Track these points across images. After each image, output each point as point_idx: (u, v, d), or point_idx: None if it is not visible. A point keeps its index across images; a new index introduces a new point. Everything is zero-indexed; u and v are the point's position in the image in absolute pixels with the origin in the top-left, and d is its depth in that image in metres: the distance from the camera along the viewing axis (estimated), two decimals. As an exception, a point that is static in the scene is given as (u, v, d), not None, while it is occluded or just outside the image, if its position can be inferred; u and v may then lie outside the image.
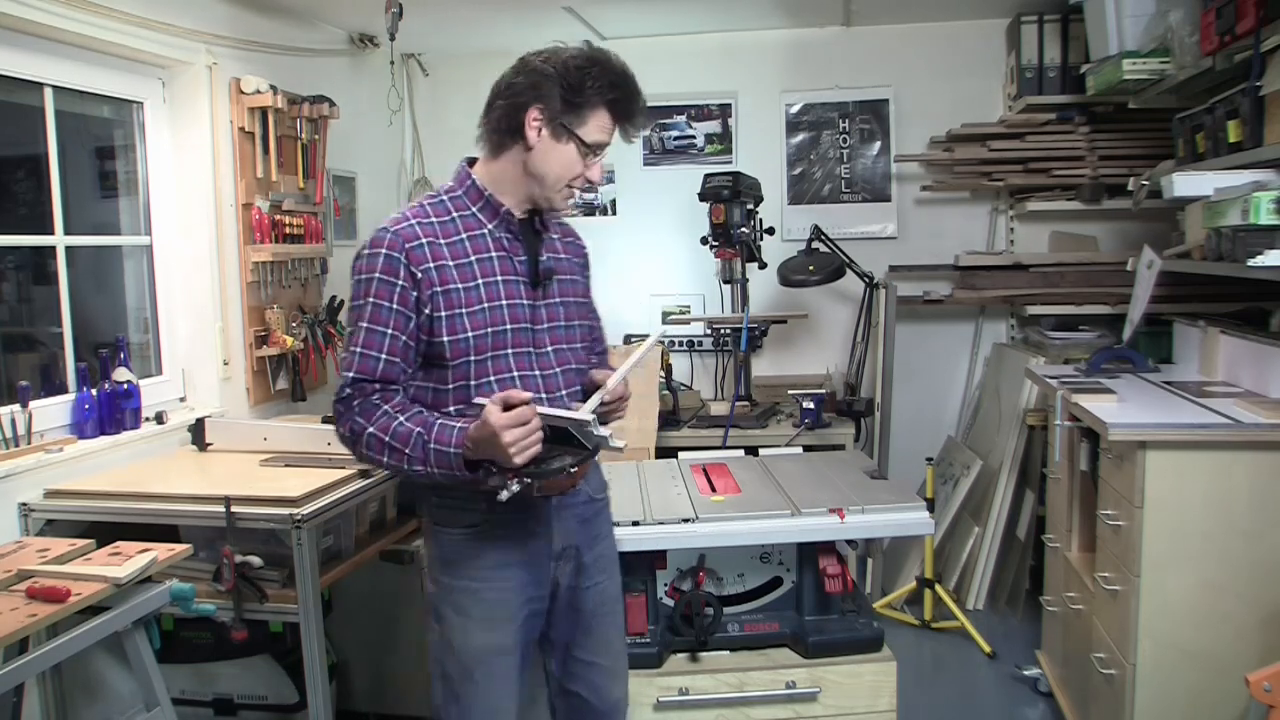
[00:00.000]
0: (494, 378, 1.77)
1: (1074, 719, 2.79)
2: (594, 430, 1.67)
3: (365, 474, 2.67)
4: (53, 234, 2.85)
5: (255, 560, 2.53)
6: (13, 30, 2.63)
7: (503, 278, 1.79)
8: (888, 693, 1.86)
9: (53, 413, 2.77)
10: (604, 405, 1.75)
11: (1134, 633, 2.29)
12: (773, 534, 1.86)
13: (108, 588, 2.08)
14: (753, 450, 2.38)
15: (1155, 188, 3.11)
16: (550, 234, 1.89)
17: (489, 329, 1.76)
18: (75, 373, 2.85)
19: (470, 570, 1.80)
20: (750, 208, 3.62)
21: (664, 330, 1.87)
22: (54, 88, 2.83)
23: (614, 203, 4.52)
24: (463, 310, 1.74)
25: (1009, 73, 4.06)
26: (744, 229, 3.54)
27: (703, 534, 1.84)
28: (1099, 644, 2.53)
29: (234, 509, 2.47)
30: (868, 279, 3.83)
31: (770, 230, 3.80)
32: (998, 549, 3.80)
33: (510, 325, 1.78)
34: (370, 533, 2.87)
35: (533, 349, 1.81)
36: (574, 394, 1.86)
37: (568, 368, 1.86)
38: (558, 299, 1.86)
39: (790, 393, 3.54)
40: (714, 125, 4.43)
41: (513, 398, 1.63)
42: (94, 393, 2.81)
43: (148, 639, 2.21)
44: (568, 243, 1.94)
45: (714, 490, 2.08)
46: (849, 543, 1.95)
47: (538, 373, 1.81)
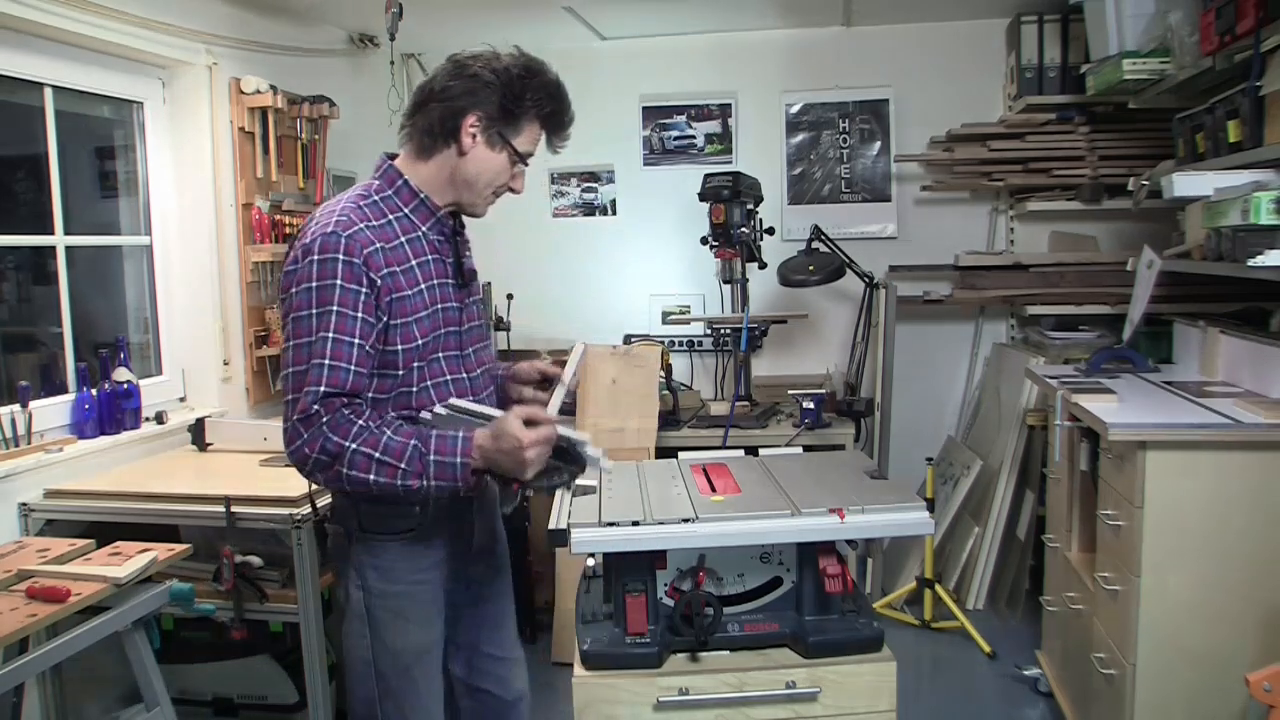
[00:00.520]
0: (430, 382, 1.77)
1: (1074, 719, 2.79)
2: (588, 450, 1.71)
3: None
4: (53, 234, 2.85)
5: (255, 560, 2.53)
6: (13, 30, 2.63)
7: (437, 281, 1.78)
8: (888, 693, 1.86)
9: (53, 413, 2.77)
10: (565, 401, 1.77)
11: (1134, 633, 2.29)
12: (773, 534, 1.86)
13: (108, 588, 2.08)
14: (753, 450, 2.37)
15: (1155, 188, 3.11)
16: (462, 233, 1.90)
17: (432, 334, 1.76)
18: (75, 373, 2.85)
19: (406, 574, 1.81)
20: (750, 208, 3.62)
21: (585, 344, 1.87)
22: (54, 88, 2.83)
23: (614, 203, 4.53)
24: (413, 317, 1.72)
25: (1009, 73, 4.06)
26: (744, 229, 3.53)
27: (703, 534, 1.84)
28: (1099, 644, 2.53)
29: (234, 509, 2.47)
30: (868, 279, 3.84)
31: (770, 230, 3.80)
32: (998, 549, 3.80)
33: (444, 329, 1.79)
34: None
35: (458, 351, 1.83)
36: (489, 396, 1.90)
37: (485, 369, 1.90)
38: (473, 299, 1.89)
39: (790, 393, 3.54)
40: (714, 125, 4.43)
41: (536, 416, 1.65)
42: (94, 393, 2.81)
43: (148, 639, 2.21)
44: (468, 241, 1.94)
45: (714, 490, 2.07)
46: (849, 543, 1.94)
47: (464, 375, 1.83)
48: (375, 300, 1.67)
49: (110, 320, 3.22)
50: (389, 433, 1.63)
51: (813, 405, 3.40)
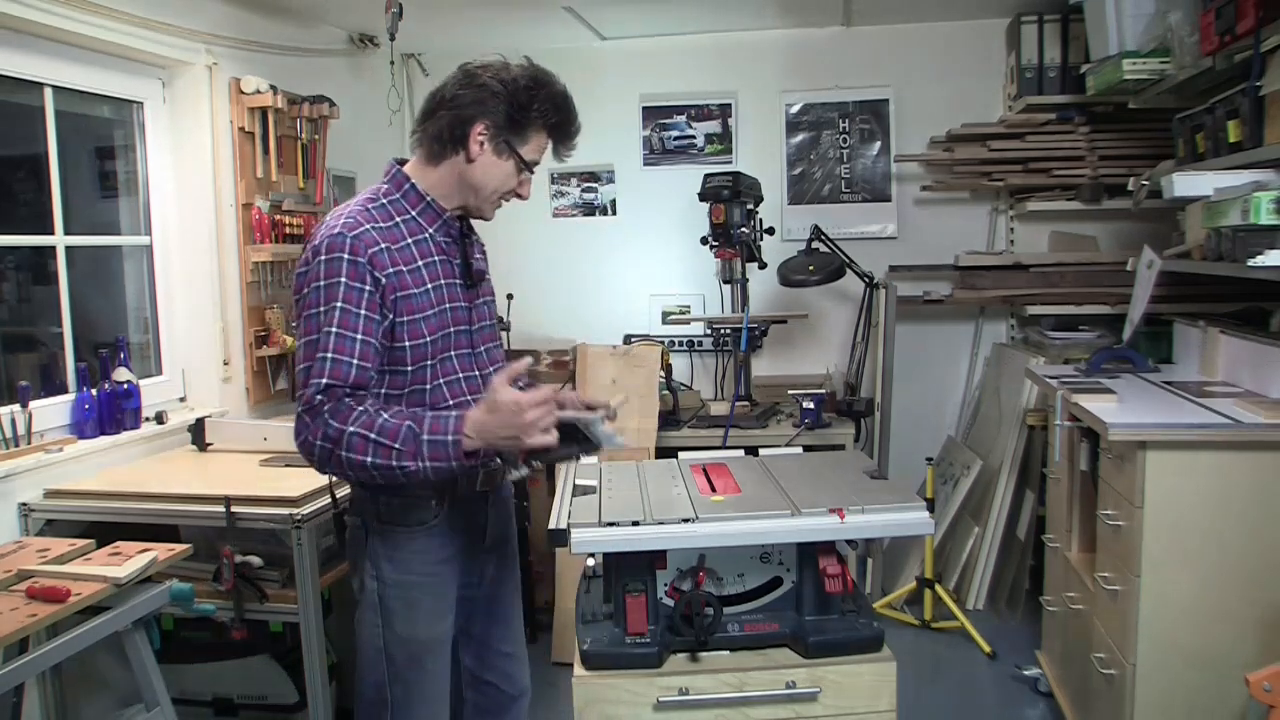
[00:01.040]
0: (444, 380, 1.82)
1: (1074, 719, 2.80)
2: (600, 429, 1.72)
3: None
4: (53, 234, 2.85)
5: (255, 560, 2.53)
6: (13, 30, 2.63)
7: (445, 281, 1.83)
8: (888, 693, 1.86)
9: (53, 413, 2.77)
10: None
11: (1134, 633, 2.29)
12: (773, 534, 1.86)
13: (108, 588, 2.08)
14: (753, 450, 2.37)
15: (1155, 188, 3.11)
16: (472, 235, 1.94)
17: (440, 333, 1.81)
18: (75, 373, 2.85)
19: (420, 566, 1.86)
20: (750, 208, 3.62)
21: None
22: (54, 88, 2.83)
23: (614, 203, 4.53)
24: (419, 315, 1.77)
25: (1009, 73, 4.06)
26: (744, 229, 3.54)
27: (703, 534, 1.84)
28: (1099, 644, 2.53)
29: (234, 509, 2.47)
30: (868, 279, 3.84)
31: (770, 230, 3.80)
32: (998, 549, 3.80)
33: (454, 328, 1.84)
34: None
35: (470, 350, 1.88)
36: None
37: (497, 366, 1.93)
38: (483, 299, 1.94)
39: (790, 393, 3.54)
40: (714, 125, 4.43)
41: (518, 370, 1.68)
42: (94, 393, 2.81)
43: (148, 639, 2.21)
44: (480, 243, 1.99)
45: (714, 490, 2.07)
46: (849, 543, 1.94)
47: (476, 373, 1.88)
48: (380, 298, 1.72)
49: (110, 320, 3.22)
50: (385, 415, 1.65)
51: (813, 405, 3.40)
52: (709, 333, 4.15)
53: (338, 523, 1.99)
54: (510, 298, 4.17)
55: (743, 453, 2.38)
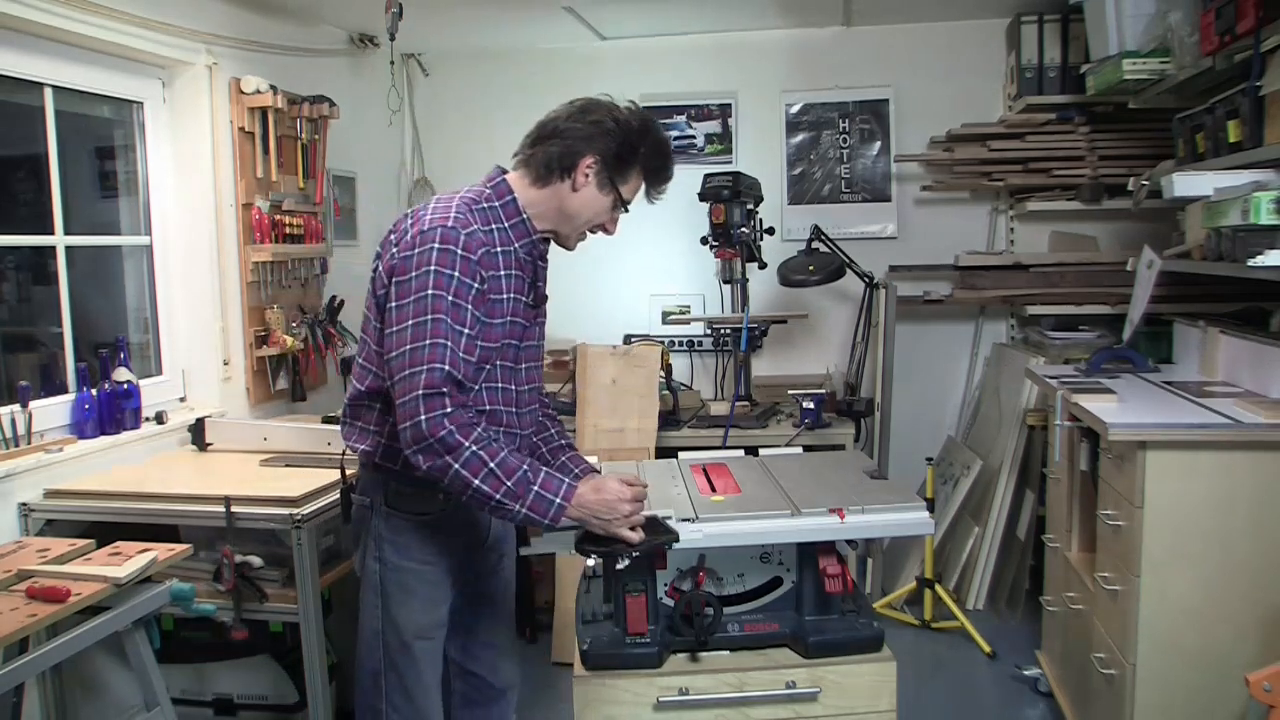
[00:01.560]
0: (484, 385, 1.87)
1: (1074, 719, 2.79)
2: (671, 523, 1.82)
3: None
4: (53, 234, 2.85)
5: (255, 560, 2.53)
6: (13, 30, 2.63)
7: (514, 295, 1.88)
8: (888, 693, 1.86)
9: (53, 413, 2.77)
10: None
11: (1134, 633, 2.29)
12: (773, 534, 1.86)
13: (108, 588, 2.08)
14: (753, 450, 2.37)
15: (1155, 188, 3.11)
16: (545, 260, 1.99)
17: (501, 342, 1.86)
18: (75, 373, 2.85)
19: (419, 554, 1.92)
20: (750, 208, 3.62)
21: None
22: (54, 88, 2.83)
23: (614, 203, 4.52)
24: (494, 321, 1.83)
25: (1009, 73, 4.06)
26: (744, 229, 3.53)
27: (703, 534, 1.84)
28: (1099, 644, 2.53)
29: (234, 509, 2.47)
30: (868, 279, 3.83)
31: (770, 230, 3.80)
32: (998, 549, 3.80)
33: (507, 340, 1.88)
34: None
35: (513, 364, 1.92)
36: (532, 414, 2.01)
37: (533, 386, 2.00)
38: (539, 321, 2.00)
39: (790, 393, 3.54)
40: (714, 125, 4.43)
41: (632, 480, 1.81)
42: (94, 393, 2.81)
43: (148, 639, 2.21)
44: (546, 268, 2.02)
45: (714, 490, 2.07)
46: (849, 543, 1.94)
47: (513, 387, 1.93)
48: (482, 297, 1.79)
49: (110, 320, 3.22)
50: (505, 451, 1.73)
51: (813, 405, 3.40)
52: (709, 333, 4.15)
53: (345, 500, 2.02)
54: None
55: (743, 453, 2.38)
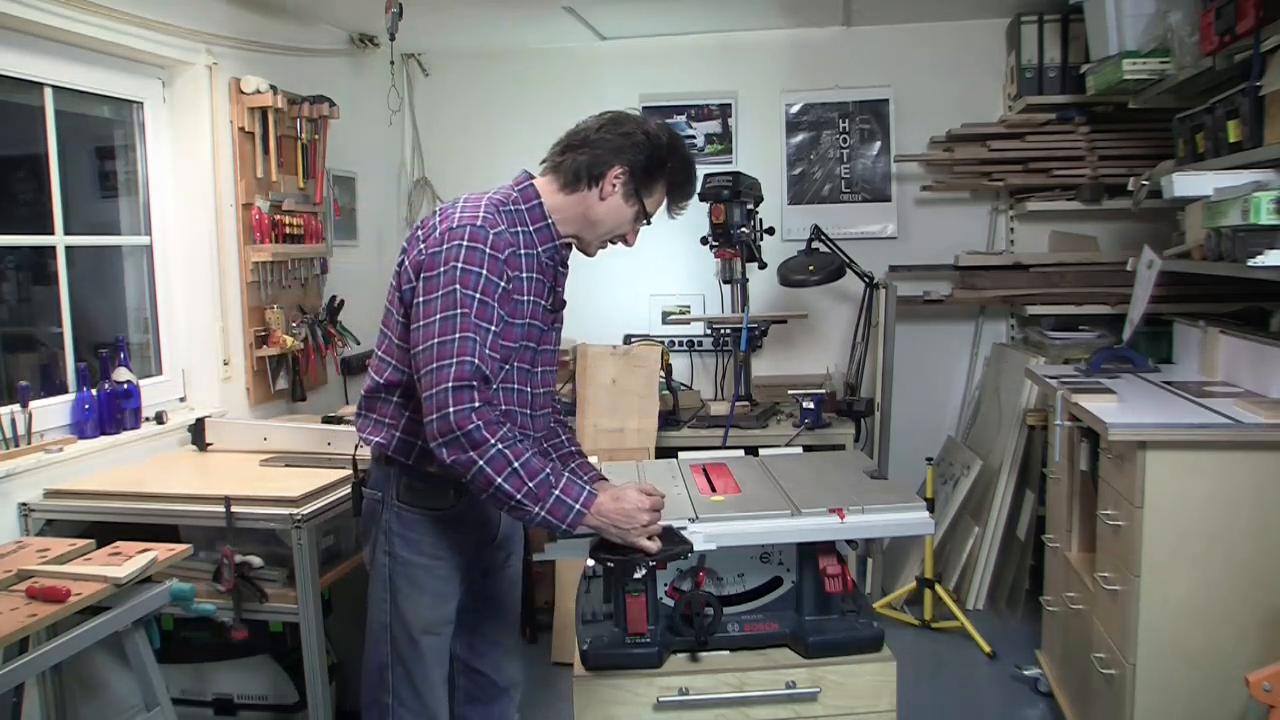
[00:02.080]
0: (500, 386, 1.87)
1: (1074, 719, 2.79)
2: (685, 533, 1.83)
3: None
4: (53, 234, 2.85)
5: (255, 560, 2.53)
6: (13, 30, 2.63)
7: (534, 298, 1.90)
8: (888, 693, 1.86)
9: (53, 413, 2.77)
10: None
11: (1134, 633, 2.29)
12: (773, 534, 1.86)
13: (108, 588, 2.08)
14: (753, 450, 2.37)
15: (1155, 188, 3.11)
16: (566, 266, 2.01)
17: (519, 343, 1.88)
18: (75, 373, 2.85)
19: (430, 549, 1.93)
20: (750, 208, 3.61)
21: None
22: (54, 88, 2.83)
23: (614, 203, 4.52)
24: (515, 320, 1.85)
25: (1009, 73, 4.06)
26: (744, 229, 3.53)
27: (703, 534, 1.84)
28: (1099, 644, 2.53)
29: (234, 509, 2.47)
30: (868, 279, 3.83)
31: (770, 230, 3.80)
32: (998, 549, 3.80)
33: (524, 342, 1.90)
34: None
35: (529, 367, 1.94)
36: (545, 418, 2.03)
37: (547, 390, 2.02)
38: (556, 326, 2.02)
39: (790, 393, 3.54)
40: (714, 125, 4.43)
41: (651, 490, 1.82)
42: (94, 393, 2.81)
43: (148, 639, 2.21)
44: (566, 273, 2.04)
45: (714, 490, 2.08)
46: (849, 543, 1.94)
47: (528, 389, 1.94)
48: (507, 296, 1.81)
49: (110, 320, 3.22)
50: (530, 453, 1.74)
51: (813, 405, 3.40)
52: (709, 333, 4.15)
53: (356, 493, 2.03)
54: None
55: (743, 453, 2.38)
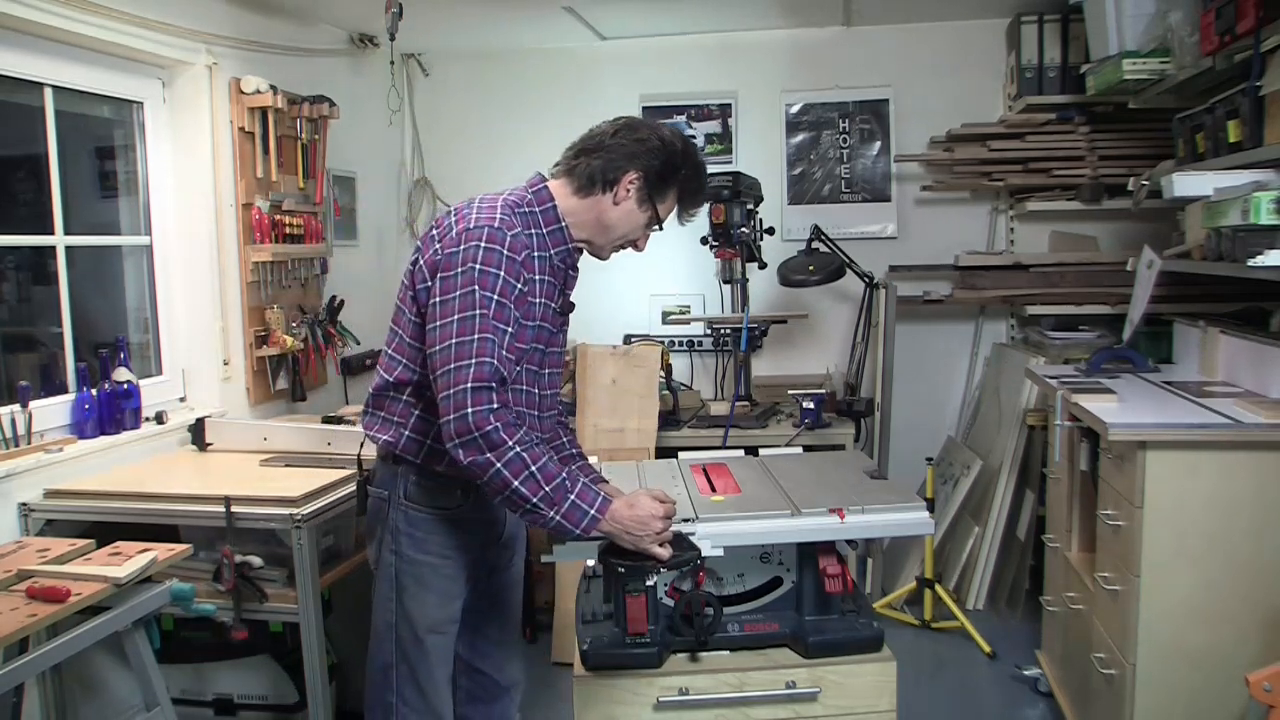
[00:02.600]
0: (510, 387, 1.87)
1: (1074, 719, 2.79)
2: (695, 539, 1.84)
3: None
4: (53, 234, 2.85)
5: (255, 560, 2.53)
6: (13, 30, 2.63)
7: (545, 300, 1.91)
8: (888, 693, 1.86)
9: (53, 413, 2.77)
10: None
11: (1134, 633, 2.29)
12: (773, 534, 1.86)
13: (108, 588, 2.08)
14: (753, 450, 2.38)
15: (1155, 188, 3.11)
16: (576, 270, 2.02)
17: (530, 345, 1.89)
18: (75, 373, 2.85)
19: (437, 548, 1.93)
20: (750, 208, 3.61)
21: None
22: (54, 88, 2.83)
23: (614, 203, 4.52)
24: (528, 323, 1.86)
25: (1009, 73, 4.06)
26: (744, 229, 3.53)
27: (703, 534, 1.84)
28: (1099, 644, 2.53)
29: (234, 509, 2.47)
30: (868, 279, 3.83)
31: (770, 230, 3.80)
32: (998, 549, 3.80)
33: (535, 344, 1.91)
34: (370, 533, 2.87)
35: (537, 368, 1.94)
36: (552, 420, 2.04)
37: (554, 391, 2.03)
38: (562, 330, 2.02)
39: (790, 393, 3.54)
40: (714, 125, 4.43)
41: (663, 496, 1.82)
42: (94, 393, 2.81)
43: (148, 639, 2.21)
44: (575, 277, 2.05)
45: (714, 490, 2.08)
46: (849, 543, 1.95)
47: (536, 391, 1.95)
48: (522, 298, 1.82)
49: (110, 320, 3.22)
50: (546, 456, 1.75)
51: (813, 405, 3.40)
52: (709, 333, 4.15)
53: (361, 491, 2.03)
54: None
55: (743, 453, 2.38)
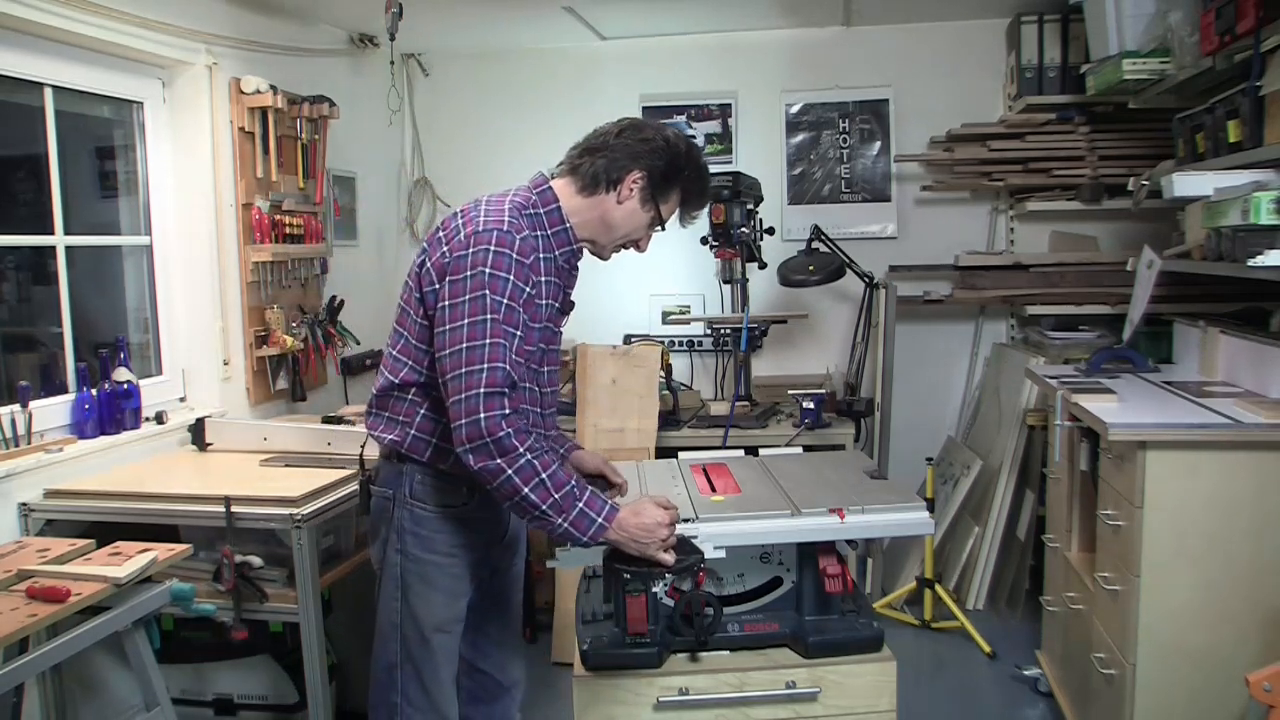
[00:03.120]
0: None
1: (1074, 719, 2.79)
2: (697, 542, 1.85)
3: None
4: (53, 234, 2.85)
5: (255, 560, 2.53)
6: (13, 30, 2.63)
7: (549, 301, 1.92)
8: (888, 693, 1.86)
9: (53, 413, 2.77)
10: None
11: (1134, 633, 2.29)
12: (773, 534, 1.86)
13: (108, 588, 2.08)
14: (753, 450, 2.38)
15: (1155, 188, 3.11)
16: (577, 270, 2.03)
17: (535, 345, 1.89)
18: (75, 373, 2.85)
19: (443, 547, 1.94)
20: (750, 208, 3.61)
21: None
22: (54, 88, 2.83)
23: (614, 203, 4.52)
24: (534, 325, 1.86)
25: (1009, 73, 4.06)
26: (744, 229, 3.53)
27: (703, 534, 1.84)
28: (1099, 644, 2.53)
29: (234, 509, 2.47)
30: (868, 279, 3.83)
31: (770, 230, 3.80)
32: (998, 549, 3.80)
33: (540, 344, 1.92)
34: (370, 533, 2.87)
35: (538, 368, 1.95)
36: (552, 417, 2.06)
37: (554, 389, 2.04)
38: (562, 329, 2.03)
39: (790, 393, 3.54)
40: (714, 125, 4.43)
41: (667, 503, 1.82)
42: (94, 393, 2.81)
43: (148, 639, 2.21)
44: (575, 276, 2.05)
45: (714, 490, 2.08)
46: (849, 543, 1.95)
47: (536, 389, 1.96)
48: (530, 302, 1.83)
49: (110, 320, 3.22)
50: (556, 463, 1.76)
51: (813, 405, 3.40)
52: (709, 333, 4.15)
53: (364, 491, 2.03)
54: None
55: (743, 453, 2.38)
